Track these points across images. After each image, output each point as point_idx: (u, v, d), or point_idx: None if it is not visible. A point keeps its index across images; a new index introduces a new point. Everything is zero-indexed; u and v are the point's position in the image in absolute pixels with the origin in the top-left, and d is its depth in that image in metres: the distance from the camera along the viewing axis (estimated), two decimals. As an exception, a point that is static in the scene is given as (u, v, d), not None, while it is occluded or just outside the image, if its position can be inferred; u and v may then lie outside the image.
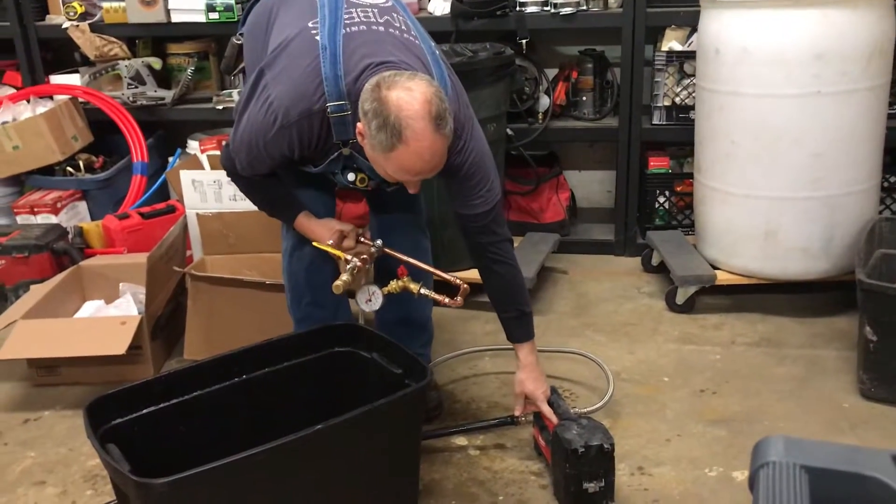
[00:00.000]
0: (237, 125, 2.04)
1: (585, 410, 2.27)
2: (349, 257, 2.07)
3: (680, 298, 2.98)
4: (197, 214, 2.88)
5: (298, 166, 2.09)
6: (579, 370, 2.62)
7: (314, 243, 2.13)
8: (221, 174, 2.91)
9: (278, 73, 1.93)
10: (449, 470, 2.17)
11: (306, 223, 2.16)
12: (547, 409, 2.10)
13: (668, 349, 2.76)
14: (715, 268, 3.00)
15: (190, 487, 1.51)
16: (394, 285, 2.10)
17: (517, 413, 2.20)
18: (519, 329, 2.15)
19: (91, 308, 2.98)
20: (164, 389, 1.85)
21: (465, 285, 2.05)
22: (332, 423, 1.64)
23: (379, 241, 2.16)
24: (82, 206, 3.56)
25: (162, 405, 1.84)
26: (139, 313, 2.85)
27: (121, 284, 3.02)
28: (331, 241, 2.08)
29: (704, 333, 2.85)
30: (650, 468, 2.14)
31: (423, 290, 2.09)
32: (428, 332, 2.47)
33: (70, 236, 3.26)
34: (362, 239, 2.17)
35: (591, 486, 1.93)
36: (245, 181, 2.16)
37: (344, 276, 2.04)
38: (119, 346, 2.44)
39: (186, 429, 1.85)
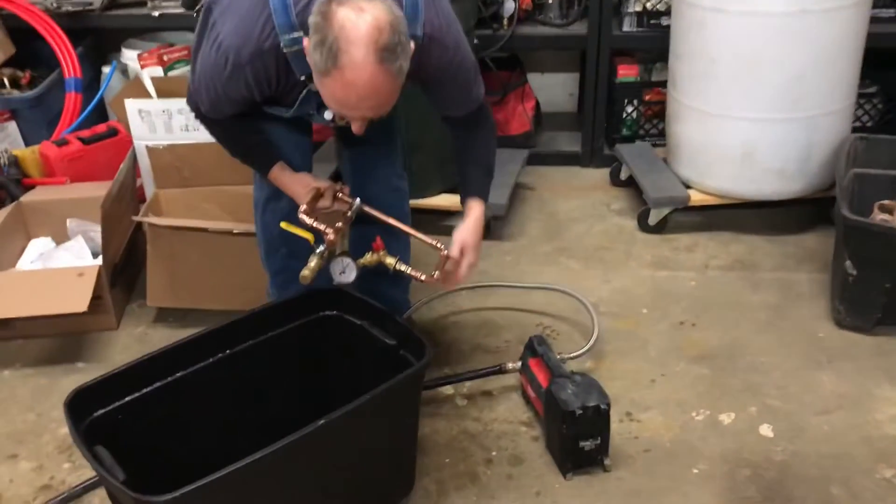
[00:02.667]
0: (193, 65, 1.88)
1: (572, 355, 2.25)
2: (323, 229, 1.92)
3: (652, 220, 2.95)
4: (147, 148, 2.67)
5: (270, 110, 1.93)
6: (557, 303, 2.58)
7: (282, 224, 1.99)
8: (170, 103, 2.72)
9: (225, 7, 1.76)
10: (439, 423, 2.15)
11: (281, 176, 2.01)
12: (468, 265, 1.94)
13: (643, 276, 2.74)
14: (687, 187, 2.96)
15: (192, 501, 1.44)
16: (369, 258, 2.00)
17: (441, 256, 1.94)
18: (480, 184, 2.04)
19: (38, 247, 2.80)
20: (146, 373, 1.74)
21: (445, 252, 1.94)
22: (336, 416, 1.57)
23: (357, 200, 2.03)
24: (12, 127, 3.28)
25: (145, 390, 1.74)
26: (93, 256, 2.70)
27: (68, 221, 2.84)
28: (306, 204, 1.94)
29: (677, 257, 2.84)
30: (638, 413, 2.16)
31: (399, 266, 2.00)
32: (407, 276, 2.39)
33: (4, 165, 3.01)
34: (340, 195, 2.03)
35: (588, 445, 1.93)
36: (216, 126, 1.99)
37: (311, 263, 1.91)
38: (80, 303, 2.29)
39: (172, 412, 1.76)
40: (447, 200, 2.94)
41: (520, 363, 2.19)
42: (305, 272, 1.90)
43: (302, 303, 1.95)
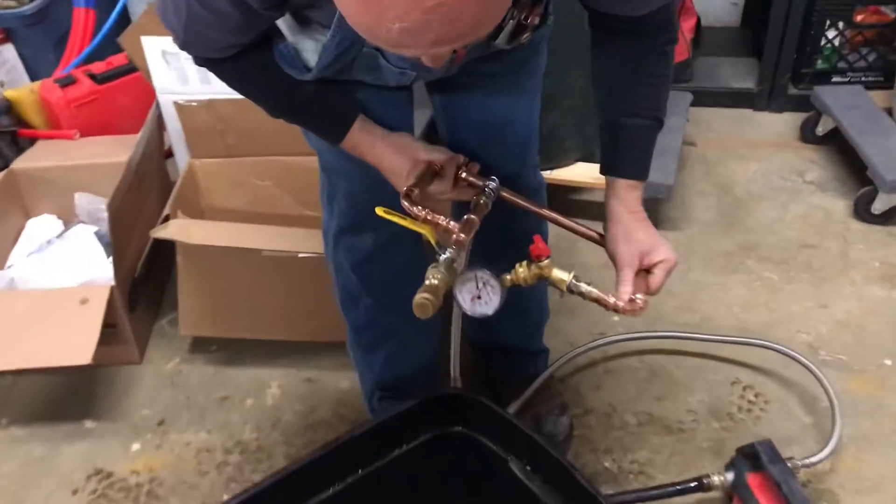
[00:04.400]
0: None
1: (808, 462, 1.49)
2: (445, 223, 1.12)
3: (879, 206, 2.10)
4: (176, 105, 1.89)
5: (310, 38, 1.07)
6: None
7: (379, 210, 1.16)
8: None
9: None
10: (604, 564, 1.43)
11: (367, 142, 1.17)
12: (664, 273, 1.15)
13: (874, 298, 1.92)
14: (932, 160, 2.09)
15: None
16: (523, 273, 1.14)
17: (624, 296, 1.14)
18: (644, 153, 1.18)
19: (39, 230, 2.12)
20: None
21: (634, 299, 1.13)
22: None
23: (493, 181, 1.22)
24: (9, 52, 2.52)
25: None
26: (104, 250, 1.99)
27: (76, 196, 2.13)
28: (410, 186, 1.13)
29: (919, 265, 2.01)
30: (912, 563, 1.41)
31: (575, 284, 1.14)
32: (546, 316, 1.64)
33: (-6, 113, 2.27)
34: (464, 174, 1.23)
35: None
36: (219, 66, 1.11)
37: (435, 281, 1.08)
38: (81, 352, 1.57)
39: None
40: (584, 173, 2.13)
41: (730, 475, 1.45)
42: (423, 299, 1.05)
43: (410, 418, 1.22)
